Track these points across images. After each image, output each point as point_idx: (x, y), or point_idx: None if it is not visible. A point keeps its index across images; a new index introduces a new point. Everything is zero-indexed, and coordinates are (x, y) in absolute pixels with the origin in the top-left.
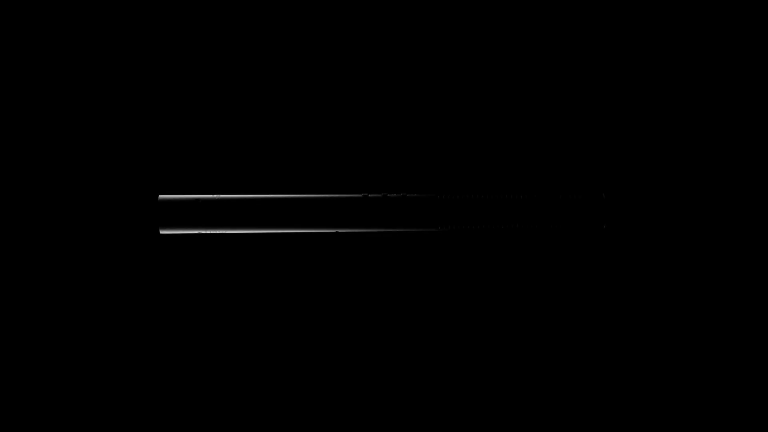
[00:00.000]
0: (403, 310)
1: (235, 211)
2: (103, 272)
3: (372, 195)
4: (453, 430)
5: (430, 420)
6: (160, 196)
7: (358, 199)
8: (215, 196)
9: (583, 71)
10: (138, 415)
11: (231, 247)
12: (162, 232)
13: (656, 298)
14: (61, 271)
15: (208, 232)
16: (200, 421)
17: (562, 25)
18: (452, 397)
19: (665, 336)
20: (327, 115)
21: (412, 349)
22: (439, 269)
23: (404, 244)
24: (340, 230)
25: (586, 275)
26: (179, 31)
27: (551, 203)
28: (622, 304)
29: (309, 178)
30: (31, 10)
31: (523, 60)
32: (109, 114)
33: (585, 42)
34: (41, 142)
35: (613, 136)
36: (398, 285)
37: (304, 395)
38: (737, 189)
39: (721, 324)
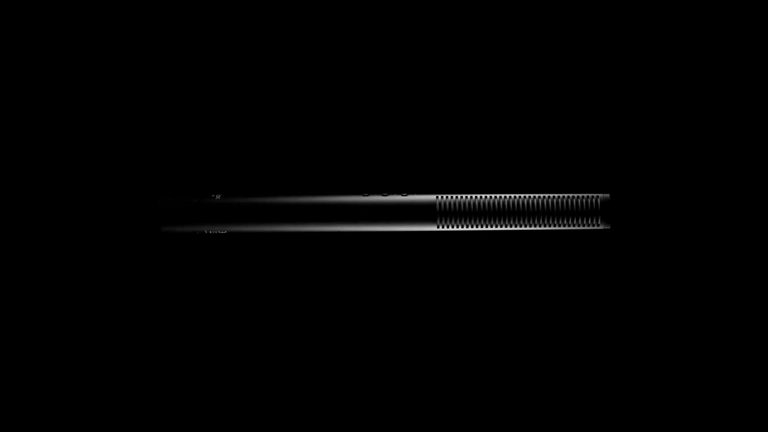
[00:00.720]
0: (404, 309)
1: (233, 211)
2: (108, 267)
3: (372, 195)
4: (455, 425)
5: (430, 414)
6: (162, 197)
7: (357, 200)
8: (214, 197)
9: (586, 77)
10: (139, 410)
11: (230, 246)
12: (163, 230)
13: (658, 297)
14: (67, 266)
15: (207, 230)
16: (200, 416)
17: (569, 33)
18: (453, 395)
19: (666, 333)
20: (326, 116)
21: (413, 348)
22: (439, 269)
23: (404, 244)
24: (340, 230)
25: (589, 274)
26: (181, 49)
27: (555, 204)
28: (625, 303)
29: (309, 179)
30: (32, 12)
31: (527, 64)
32: (115, 119)
33: (589, 50)
34: (48, 146)
35: (616, 139)
36: (398, 284)
37: (302, 391)
38: (739, 190)
39: (722, 321)
